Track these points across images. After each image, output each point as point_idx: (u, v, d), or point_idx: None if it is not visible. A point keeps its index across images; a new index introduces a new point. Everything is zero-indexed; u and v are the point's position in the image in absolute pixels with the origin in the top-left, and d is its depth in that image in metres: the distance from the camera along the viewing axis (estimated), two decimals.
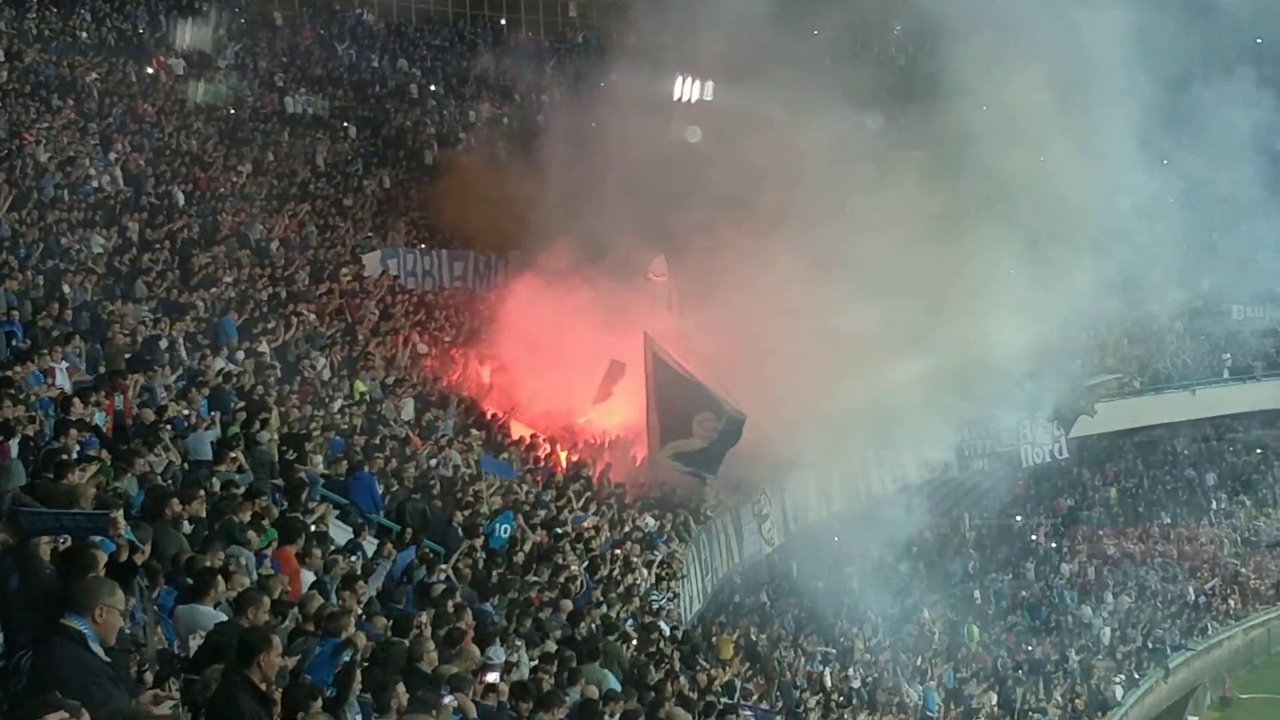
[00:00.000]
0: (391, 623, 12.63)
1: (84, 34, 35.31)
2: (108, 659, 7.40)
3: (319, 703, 8.50)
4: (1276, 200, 42.25)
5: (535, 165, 36.82)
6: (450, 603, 14.36)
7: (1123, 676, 39.74)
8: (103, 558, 9.21)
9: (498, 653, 13.79)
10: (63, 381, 16.03)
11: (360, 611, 12.40)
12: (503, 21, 50.86)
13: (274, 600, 10.72)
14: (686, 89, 41.59)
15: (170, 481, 13.74)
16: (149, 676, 8.60)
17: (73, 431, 13.24)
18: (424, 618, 13.28)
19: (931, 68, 37.52)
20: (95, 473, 12.22)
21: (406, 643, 11.91)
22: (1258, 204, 42.97)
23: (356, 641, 10.63)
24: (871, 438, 34.62)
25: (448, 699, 10.80)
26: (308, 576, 12.88)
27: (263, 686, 7.96)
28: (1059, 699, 37.35)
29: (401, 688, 10.00)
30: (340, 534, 16.17)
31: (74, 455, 12.51)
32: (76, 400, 14.66)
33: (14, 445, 12.73)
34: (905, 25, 47.45)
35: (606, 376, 30.74)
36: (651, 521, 27.65)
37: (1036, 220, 34.69)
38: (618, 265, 33.05)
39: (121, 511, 10.58)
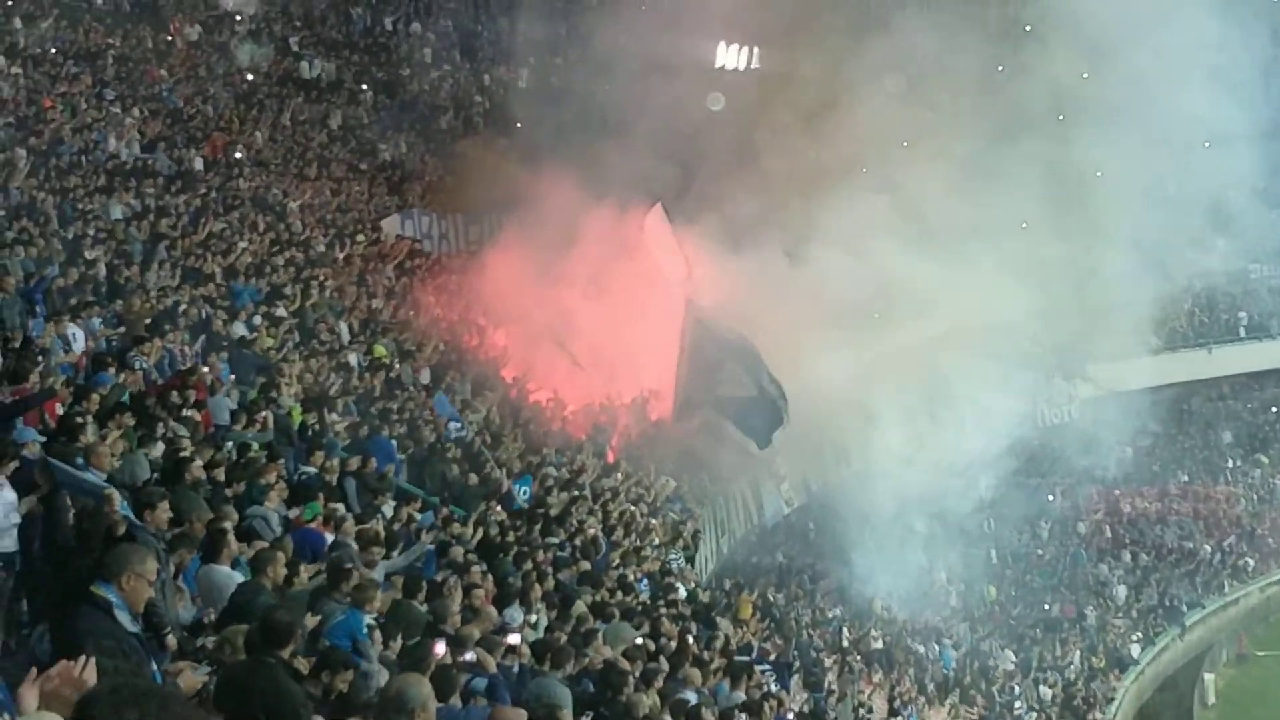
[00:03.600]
0: (403, 582, 12.56)
1: (99, 0, 35.22)
2: (134, 628, 7.26)
3: (349, 672, 8.39)
4: None
5: (547, 128, 36.67)
6: (472, 566, 14.45)
7: (1139, 634, 39.91)
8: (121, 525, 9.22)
9: (515, 614, 13.89)
10: (81, 347, 16.13)
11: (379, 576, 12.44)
12: None
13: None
14: (723, 55, 41.49)
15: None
16: (171, 640, 8.63)
17: (94, 396, 13.35)
18: (453, 580, 13.35)
19: None
20: (118, 437, 12.33)
21: (417, 603, 11.92)
22: (1274, 160, 42.58)
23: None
24: (892, 398, 34.62)
25: (468, 655, 10.91)
26: (327, 537, 12.98)
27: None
28: (1076, 657, 37.51)
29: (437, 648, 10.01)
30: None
31: (89, 420, 12.58)
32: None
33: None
34: None
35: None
36: (670, 482, 27.77)
37: (1064, 182, 34.66)
38: (633, 227, 32.99)
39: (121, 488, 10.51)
